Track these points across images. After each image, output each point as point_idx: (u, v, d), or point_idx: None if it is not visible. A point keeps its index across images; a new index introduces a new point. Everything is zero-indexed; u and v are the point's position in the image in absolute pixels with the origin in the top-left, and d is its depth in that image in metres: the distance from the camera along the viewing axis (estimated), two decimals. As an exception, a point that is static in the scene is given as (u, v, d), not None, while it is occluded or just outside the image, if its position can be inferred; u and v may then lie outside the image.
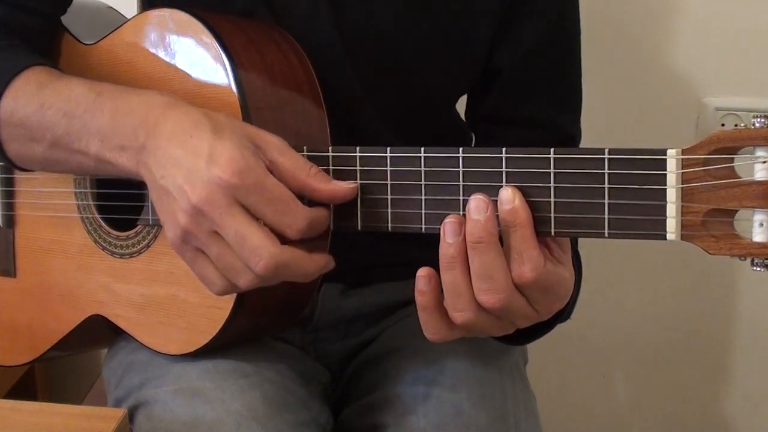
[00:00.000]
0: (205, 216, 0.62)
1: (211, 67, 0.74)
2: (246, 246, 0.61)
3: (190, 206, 0.62)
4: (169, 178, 0.63)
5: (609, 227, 0.58)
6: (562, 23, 0.85)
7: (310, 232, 0.64)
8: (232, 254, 0.63)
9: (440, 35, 0.82)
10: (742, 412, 1.39)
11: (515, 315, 0.62)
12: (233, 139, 0.63)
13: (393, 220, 0.66)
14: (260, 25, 0.79)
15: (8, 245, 0.90)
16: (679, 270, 1.30)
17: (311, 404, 0.83)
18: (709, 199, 0.55)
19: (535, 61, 0.84)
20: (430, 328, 0.64)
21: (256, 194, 0.62)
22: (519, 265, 0.60)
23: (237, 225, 0.61)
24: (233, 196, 0.61)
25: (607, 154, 0.58)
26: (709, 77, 1.23)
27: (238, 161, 0.61)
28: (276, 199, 0.62)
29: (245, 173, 0.61)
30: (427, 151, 0.64)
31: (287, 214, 0.62)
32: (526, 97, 0.86)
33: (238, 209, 0.61)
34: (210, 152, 0.62)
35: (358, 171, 0.66)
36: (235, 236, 0.62)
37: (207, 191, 0.61)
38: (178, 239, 0.65)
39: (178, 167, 0.63)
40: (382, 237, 0.87)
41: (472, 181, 0.62)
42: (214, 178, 0.61)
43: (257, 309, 0.78)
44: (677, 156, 0.56)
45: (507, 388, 0.85)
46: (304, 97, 0.77)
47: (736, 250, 0.55)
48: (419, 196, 0.64)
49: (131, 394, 0.82)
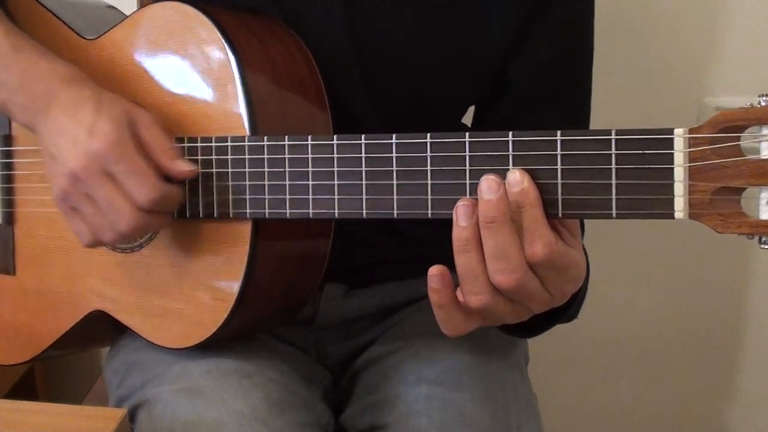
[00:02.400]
0: (81, 181, 0.72)
1: (215, 62, 0.74)
2: (112, 209, 0.71)
3: (69, 171, 0.72)
4: (56, 145, 0.73)
5: (617, 208, 0.58)
6: (578, 41, 0.85)
7: (162, 202, 0.72)
8: (101, 214, 0.72)
9: (453, 45, 0.81)
10: (746, 413, 1.38)
11: (530, 297, 0.62)
12: (112, 114, 0.72)
13: (399, 207, 0.65)
14: (264, 20, 0.79)
15: (7, 242, 0.89)
16: (683, 270, 1.30)
17: (313, 405, 0.83)
18: (716, 178, 0.55)
19: (546, 76, 0.84)
20: (448, 324, 0.64)
21: (121, 164, 0.70)
22: (531, 244, 0.60)
23: (106, 191, 0.71)
24: (104, 165, 0.71)
25: (614, 135, 0.58)
26: (709, 77, 1.24)
27: (111, 135, 0.71)
28: (135, 170, 0.70)
29: (115, 146, 0.70)
30: (433, 137, 0.64)
31: (143, 185, 0.70)
32: (535, 110, 0.86)
33: (108, 178, 0.71)
34: (91, 126, 0.71)
35: (363, 158, 0.66)
36: (104, 200, 0.71)
37: (84, 160, 0.71)
38: (58, 198, 0.74)
39: (65, 136, 0.73)
40: (383, 237, 0.88)
41: (479, 165, 0.62)
42: (90, 149, 0.71)
43: (260, 302, 0.77)
44: (684, 135, 0.57)
45: (509, 387, 0.85)
46: (307, 91, 0.77)
47: (744, 228, 0.55)
48: (425, 181, 0.64)
49: (133, 393, 0.82)
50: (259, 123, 0.73)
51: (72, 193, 0.73)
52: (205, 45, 0.75)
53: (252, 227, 0.73)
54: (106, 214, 0.72)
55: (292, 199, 0.70)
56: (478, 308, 0.62)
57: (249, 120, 0.72)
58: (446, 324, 0.64)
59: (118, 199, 0.71)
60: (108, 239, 0.74)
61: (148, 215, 0.71)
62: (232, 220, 0.74)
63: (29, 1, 0.86)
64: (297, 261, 0.79)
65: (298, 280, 0.80)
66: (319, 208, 0.69)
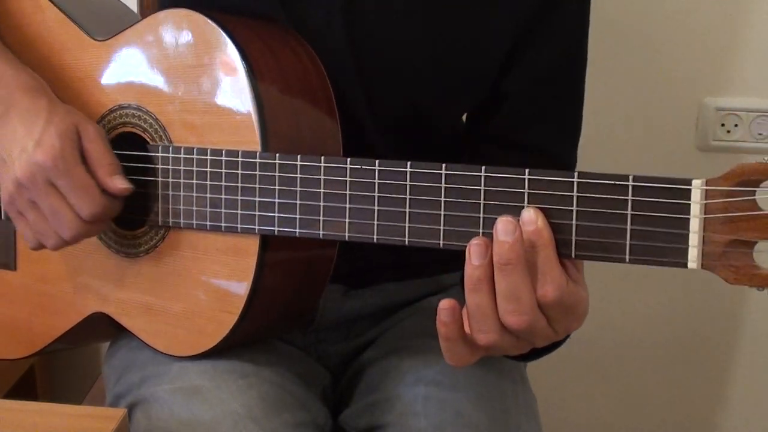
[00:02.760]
0: (27, 189, 0.75)
1: (227, 71, 0.73)
2: (56, 218, 0.75)
3: (15, 179, 0.76)
4: (7, 150, 0.77)
5: (630, 253, 0.59)
6: (574, 53, 0.85)
7: (102, 215, 0.75)
8: (45, 222, 0.76)
9: (452, 54, 0.81)
10: (744, 415, 1.40)
11: (535, 335, 0.63)
12: (60, 127, 0.75)
13: (410, 235, 0.66)
14: (276, 29, 0.78)
15: (9, 238, 0.88)
16: (681, 272, 1.31)
17: (310, 405, 0.83)
18: (730, 230, 0.56)
19: (541, 89, 0.84)
20: (453, 356, 0.65)
21: (65, 178, 0.74)
22: (542, 285, 0.60)
23: (50, 201, 0.75)
24: (48, 177, 0.74)
25: (631, 181, 0.58)
26: (709, 77, 1.23)
27: (55, 149, 0.74)
28: (77, 185, 0.74)
29: (59, 160, 0.74)
30: (448, 168, 0.64)
31: (83, 199, 0.74)
32: (528, 123, 0.85)
33: (53, 189, 0.75)
34: (39, 137, 0.75)
35: (376, 184, 0.66)
36: (49, 209, 0.75)
37: (29, 170, 0.75)
38: (5, 202, 0.78)
39: (15, 144, 0.76)
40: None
41: (494, 200, 0.62)
42: (36, 160, 0.74)
43: (266, 313, 0.78)
44: (702, 187, 0.57)
45: (507, 388, 0.86)
46: (319, 103, 0.76)
47: (756, 280, 0.56)
48: (438, 212, 0.64)
49: (130, 391, 0.82)
50: (270, 136, 0.72)
51: (17, 199, 0.77)
52: (216, 55, 0.74)
53: (260, 239, 0.73)
54: (50, 221, 0.76)
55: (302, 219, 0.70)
56: (485, 345, 0.63)
57: (261, 133, 0.72)
58: (450, 355, 0.65)
59: (61, 209, 0.75)
60: (51, 244, 0.78)
61: (89, 224, 0.75)
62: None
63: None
64: (304, 270, 0.79)
65: (304, 289, 0.80)
66: (330, 229, 0.69)
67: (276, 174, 0.70)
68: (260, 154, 0.71)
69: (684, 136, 1.24)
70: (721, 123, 1.23)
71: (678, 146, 1.25)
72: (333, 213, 0.68)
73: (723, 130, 1.23)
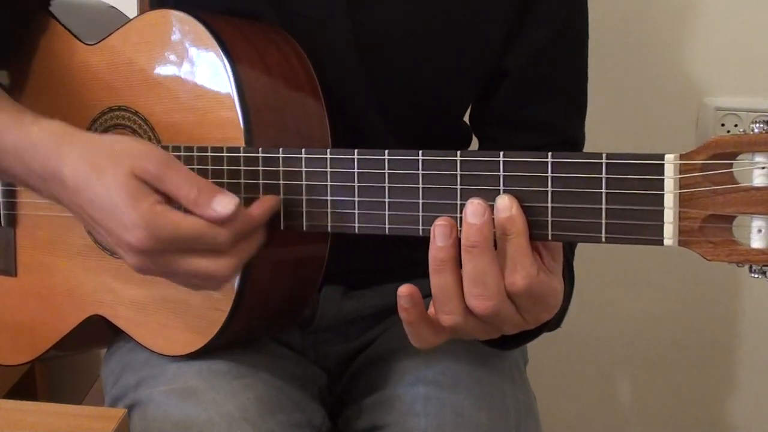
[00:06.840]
0: (152, 259, 0.67)
1: (211, 69, 0.74)
2: (200, 275, 0.67)
3: (135, 250, 0.66)
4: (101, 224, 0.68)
5: (606, 232, 0.58)
6: (569, 26, 0.85)
7: (241, 237, 0.67)
8: (194, 278, 0.68)
9: (452, 40, 0.81)
10: (745, 415, 1.38)
11: (503, 321, 0.63)
12: (136, 208, 0.65)
13: (390, 223, 0.66)
14: (261, 27, 0.79)
15: (9, 244, 0.90)
16: (682, 271, 1.30)
17: (305, 405, 0.83)
18: (707, 205, 0.55)
19: (541, 63, 0.84)
20: (417, 338, 0.65)
21: (178, 243, 0.66)
22: (512, 273, 0.60)
23: (181, 265, 0.66)
24: (161, 252, 0.66)
25: (604, 159, 0.58)
26: (709, 77, 1.23)
27: (144, 234, 0.65)
28: (192, 238, 0.65)
29: (157, 239, 0.65)
30: (424, 154, 0.64)
31: (208, 242, 0.66)
32: (531, 100, 0.86)
33: (173, 255, 0.66)
34: (120, 220, 0.65)
35: (356, 173, 0.66)
36: (186, 273, 0.67)
37: (139, 260, 0.67)
38: (137, 269, 0.69)
39: (103, 214, 0.67)
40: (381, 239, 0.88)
41: (470, 184, 0.62)
42: (134, 248, 0.66)
43: (256, 310, 0.78)
44: (675, 161, 0.56)
45: (507, 388, 0.85)
46: (305, 98, 0.77)
47: (734, 256, 0.55)
48: (417, 200, 0.64)
49: (127, 393, 0.83)
50: (255, 132, 0.73)
51: (149, 268, 0.68)
52: (201, 53, 0.75)
53: None
54: (197, 279, 0.68)
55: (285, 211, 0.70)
56: (449, 326, 0.63)
57: (245, 129, 0.72)
58: (415, 338, 0.65)
59: (200, 264, 0.67)
60: (215, 289, 0.72)
61: (235, 257, 0.67)
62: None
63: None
64: (294, 267, 0.79)
65: (296, 286, 0.80)
66: (313, 220, 0.69)
67: (260, 168, 0.71)
68: (244, 149, 0.72)
69: (684, 136, 1.24)
70: (721, 123, 1.22)
71: (678, 146, 1.23)
72: (316, 204, 0.69)
73: (723, 131, 1.22)
